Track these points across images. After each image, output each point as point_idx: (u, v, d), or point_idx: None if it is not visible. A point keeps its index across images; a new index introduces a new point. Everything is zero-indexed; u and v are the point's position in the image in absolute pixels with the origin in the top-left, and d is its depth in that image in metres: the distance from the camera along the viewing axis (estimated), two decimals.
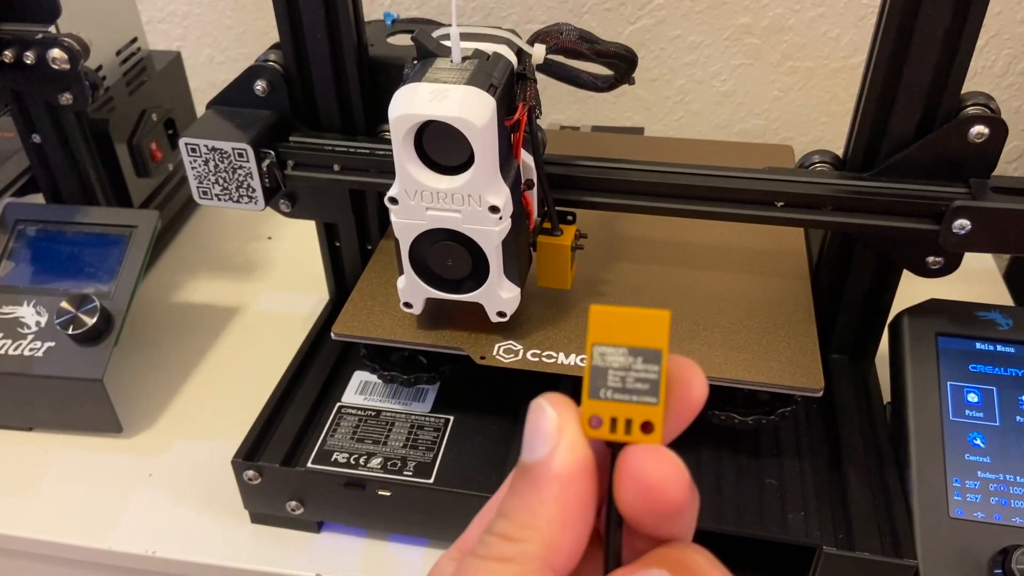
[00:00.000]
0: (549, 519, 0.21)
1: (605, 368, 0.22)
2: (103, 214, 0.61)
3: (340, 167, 0.50)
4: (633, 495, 0.21)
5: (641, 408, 0.21)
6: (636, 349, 0.21)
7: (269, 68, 0.50)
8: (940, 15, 0.41)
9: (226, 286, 0.71)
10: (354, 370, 0.55)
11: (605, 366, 0.22)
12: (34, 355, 0.55)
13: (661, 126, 0.86)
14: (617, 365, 0.22)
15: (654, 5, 0.78)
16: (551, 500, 0.21)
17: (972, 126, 0.43)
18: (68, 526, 0.52)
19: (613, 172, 0.48)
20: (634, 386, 0.21)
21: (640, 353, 0.21)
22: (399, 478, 0.47)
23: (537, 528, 0.21)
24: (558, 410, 0.22)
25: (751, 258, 0.54)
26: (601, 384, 0.22)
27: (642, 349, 0.21)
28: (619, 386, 0.21)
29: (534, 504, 0.21)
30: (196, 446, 0.57)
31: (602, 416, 0.22)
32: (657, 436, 0.21)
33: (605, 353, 0.22)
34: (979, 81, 0.79)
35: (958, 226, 0.44)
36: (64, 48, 0.56)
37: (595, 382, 0.22)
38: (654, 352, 0.21)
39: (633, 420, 0.21)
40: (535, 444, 0.22)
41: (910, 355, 0.49)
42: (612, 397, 0.21)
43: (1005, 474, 0.45)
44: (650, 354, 0.21)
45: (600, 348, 0.22)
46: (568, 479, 0.21)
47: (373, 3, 0.83)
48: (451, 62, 0.41)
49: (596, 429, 0.22)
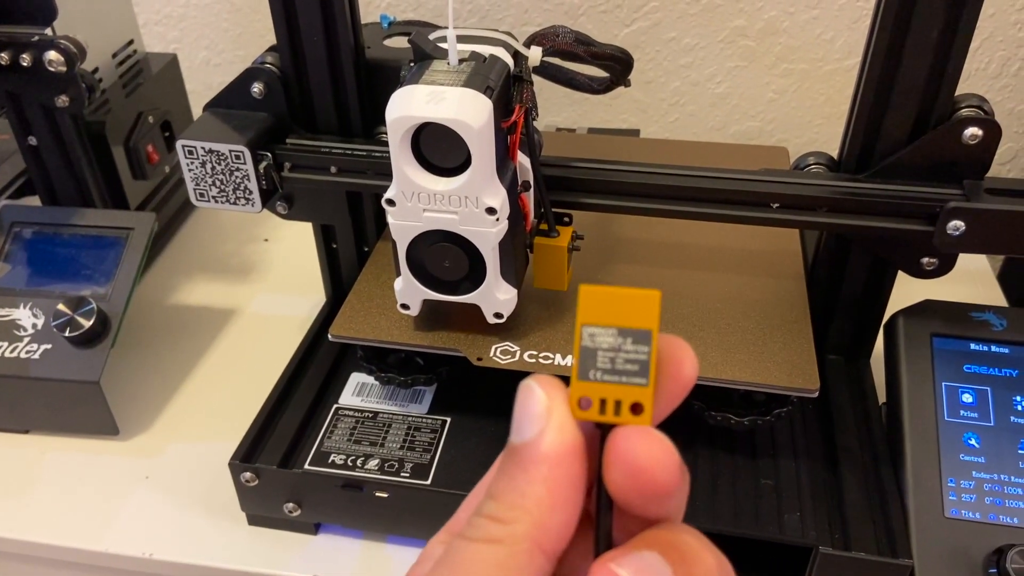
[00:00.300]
0: (538, 500, 0.21)
1: (594, 349, 0.21)
2: (99, 216, 0.61)
3: (337, 169, 0.50)
4: (622, 477, 0.21)
5: (631, 389, 0.21)
6: (626, 330, 0.21)
7: (266, 70, 0.50)
8: (934, 18, 0.42)
9: (223, 288, 0.71)
10: (351, 372, 0.55)
11: (594, 347, 0.21)
12: (31, 357, 0.55)
13: (657, 128, 0.86)
14: (606, 346, 0.21)
15: (649, 8, 0.78)
16: (540, 481, 0.21)
17: (966, 128, 0.44)
18: (65, 528, 0.52)
19: (609, 174, 0.48)
20: (624, 367, 0.21)
21: (630, 334, 0.21)
22: (396, 480, 0.47)
23: (526, 509, 0.21)
24: (547, 391, 0.22)
25: (747, 259, 0.54)
26: (590, 365, 0.21)
27: (632, 330, 0.21)
28: (608, 367, 0.21)
29: (523, 485, 0.21)
30: (193, 448, 0.57)
31: (591, 397, 0.21)
32: (647, 417, 0.21)
33: (594, 334, 0.21)
34: (973, 83, 0.79)
35: (952, 227, 0.44)
36: (60, 50, 0.56)
37: (584, 363, 0.21)
38: (644, 332, 0.21)
39: (623, 401, 0.21)
40: (524, 425, 0.21)
41: (905, 356, 0.49)
42: (601, 378, 0.21)
43: (999, 474, 0.45)
44: (640, 335, 0.21)
45: (589, 329, 0.21)
46: (557, 460, 0.21)
47: (370, 5, 0.83)
48: (448, 64, 0.41)
49: (585, 410, 0.21)
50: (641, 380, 0.21)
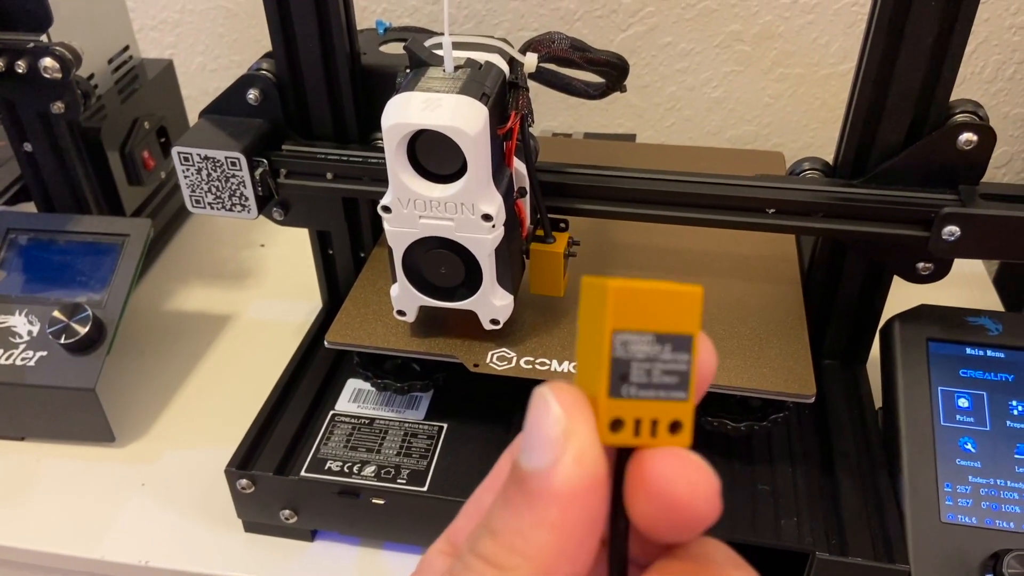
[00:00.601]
0: (542, 547, 0.17)
1: (628, 360, 0.18)
2: (95, 223, 0.61)
3: (333, 175, 0.50)
4: (655, 509, 0.18)
5: (669, 405, 0.18)
6: (664, 335, 0.18)
7: (261, 77, 0.50)
8: (929, 23, 0.42)
9: (219, 294, 0.71)
10: (347, 378, 0.55)
11: (628, 357, 0.18)
12: (26, 364, 0.55)
13: (653, 132, 0.86)
14: (642, 356, 0.18)
15: (645, 12, 0.78)
16: (547, 525, 0.17)
17: (960, 133, 0.44)
18: (60, 536, 0.51)
19: (605, 180, 0.48)
20: (662, 380, 0.18)
21: (669, 340, 0.18)
22: (393, 486, 0.47)
23: (528, 556, 0.17)
24: (567, 409, 0.18)
25: (743, 264, 0.54)
26: (624, 379, 0.18)
27: (671, 336, 0.18)
28: (645, 381, 0.18)
29: (527, 526, 0.17)
30: (189, 455, 0.56)
31: (624, 418, 0.18)
32: (686, 437, 0.18)
33: (628, 341, 0.18)
34: (968, 87, 0.80)
35: (947, 233, 0.44)
36: (56, 57, 0.56)
37: (616, 377, 0.18)
38: (684, 339, 0.18)
39: (660, 420, 0.18)
40: (534, 448, 0.18)
41: (901, 360, 0.49)
42: (637, 395, 0.18)
43: (996, 479, 0.45)
44: (680, 341, 0.18)
45: (622, 336, 0.18)
46: (571, 500, 0.17)
47: (365, 11, 0.83)
48: (444, 71, 0.41)
49: (617, 433, 0.18)
50: (681, 394, 0.18)
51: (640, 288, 0.18)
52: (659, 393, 0.18)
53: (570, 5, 0.79)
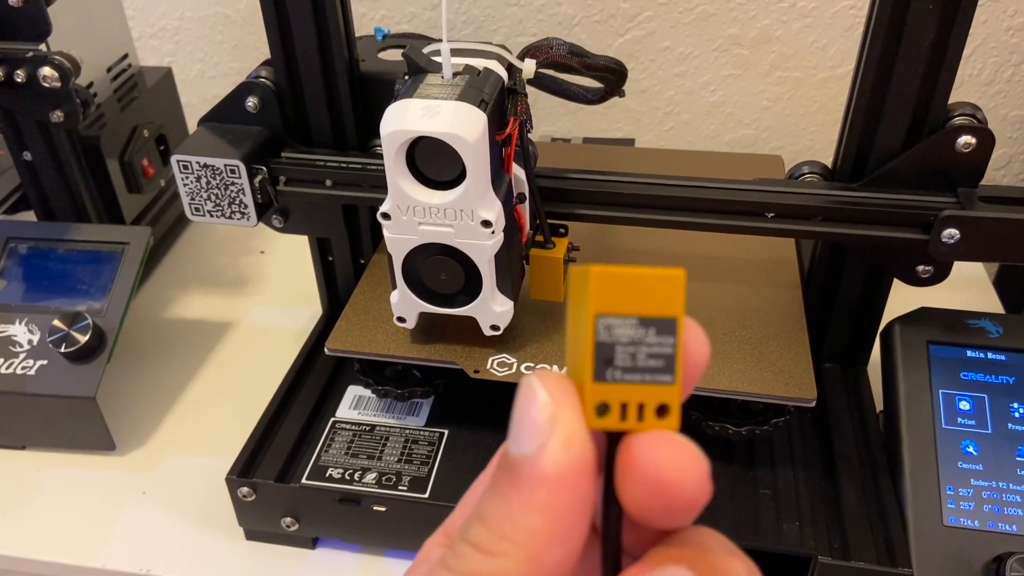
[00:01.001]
0: (531, 531, 0.17)
1: (612, 344, 0.18)
2: (95, 231, 0.61)
3: (332, 182, 0.50)
4: (644, 493, 0.18)
5: (656, 389, 0.18)
6: (648, 319, 0.18)
7: (260, 84, 0.50)
8: (926, 26, 0.42)
9: (219, 301, 0.71)
10: (348, 385, 0.55)
11: (612, 341, 0.18)
12: (26, 373, 0.55)
13: (652, 136, 0.86)
14: (626, 339, 0.18)
15: (643, 17, 0.79)
16: (536, 508, 0.17)
17: (959, 136, 0.44)
18: (61, 545, 0.51)
19: (605, 184, 0.48)
20: (647, 363, 0.18)
21: (652, 323, 0.18)
22: (394, 493, 0.47)
23: (517, 541, 0.17)
24: (553, 394, 0.18)
25: (742, 269, 0.54)
26: (608, 363, 0.18)
27: (655, 318, 0.18)
28: (630, 365, 0.18)
29: (516, 512, 0.18)
30: (190, 463, 0.56)
31: (610, 402, 0.18)
32: (674, 421, 0.18)
33: (611, 325, 0.18)
34: (966, 89, 0.80)
35: (947, 235, 0.44)
36: (55, 66, 0.56)
37: (600, 361, 0.18)
38: (668, 321, 0.18)
39: (646, 404, 0.18)
40: (522, 434, 0.18)
41: (902, 363, 0.49)
42: (622, 378, 0.18)
43: (998, 481, 0.45)
44: (664, 324, 0.18)
45: (605, 320, 0.18)
46: (559, 483, 0.17)
47: (364, 18, 0.83)
48: (442, 78, 0.41)
49: (603, 417, 0.18)
50: (667, 377, 0.18)
51: (622, 272, 0.18)
52: (645, 377, 0.18)
53: (568, 10, 0.79)
